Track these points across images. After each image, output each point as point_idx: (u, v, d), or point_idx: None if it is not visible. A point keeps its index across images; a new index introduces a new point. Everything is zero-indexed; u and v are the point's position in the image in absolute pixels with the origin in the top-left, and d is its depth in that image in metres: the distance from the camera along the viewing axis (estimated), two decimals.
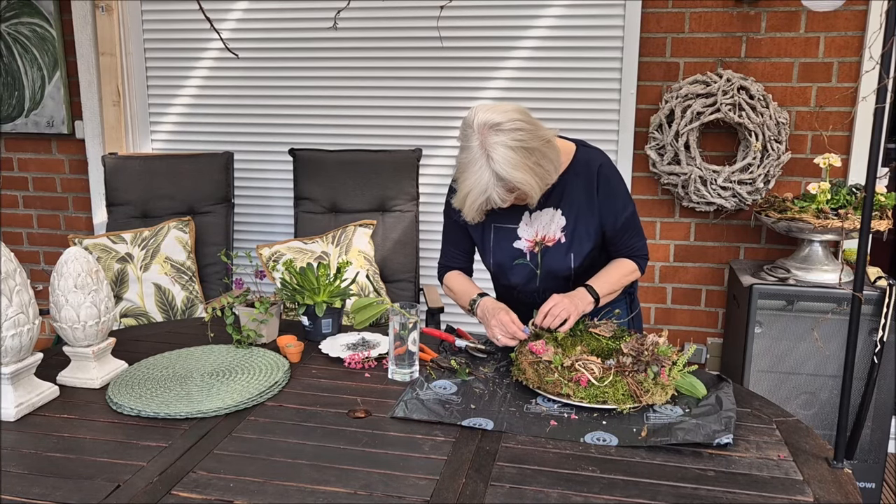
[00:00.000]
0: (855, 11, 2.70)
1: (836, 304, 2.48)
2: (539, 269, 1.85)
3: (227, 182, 2.98)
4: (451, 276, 2.00)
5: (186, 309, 2.67)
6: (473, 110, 1.63)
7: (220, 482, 1.25)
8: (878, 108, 1.23)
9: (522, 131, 1.60)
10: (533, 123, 1.64)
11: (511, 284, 1.90)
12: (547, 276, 1.85)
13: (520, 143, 1.59)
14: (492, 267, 1.92)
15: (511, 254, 1.87)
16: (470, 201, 1.64)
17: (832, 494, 1.22)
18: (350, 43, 3.10)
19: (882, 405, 2.53)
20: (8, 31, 3.32)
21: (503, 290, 1.99)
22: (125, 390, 1.59)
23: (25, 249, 3.58)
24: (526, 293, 1.90)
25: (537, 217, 1.84)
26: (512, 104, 1.66)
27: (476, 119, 1.60)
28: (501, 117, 1.60)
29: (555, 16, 2.94)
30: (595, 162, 1.82)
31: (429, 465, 1.31)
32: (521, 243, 1.86)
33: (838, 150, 2.81)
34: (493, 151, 1.58)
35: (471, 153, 1.61)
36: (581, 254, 1.82)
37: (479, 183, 1.60)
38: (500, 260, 1.88)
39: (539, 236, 1.84)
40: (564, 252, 1.82)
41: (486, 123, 1.59)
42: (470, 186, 1.62)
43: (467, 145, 1.62)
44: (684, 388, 1.57)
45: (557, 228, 1.83)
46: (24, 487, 1.24)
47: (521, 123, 1.61)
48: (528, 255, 1.86)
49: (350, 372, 1.75)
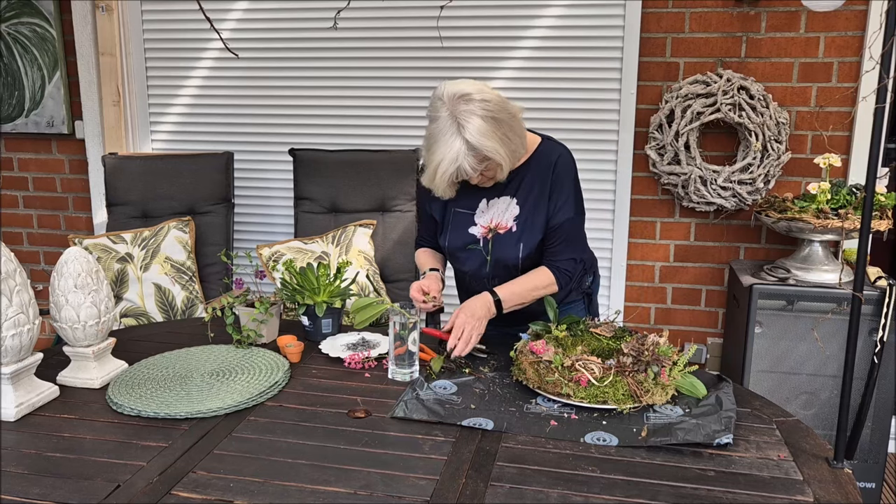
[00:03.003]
0: (855, 11, 2.70)
1: (836, 304, 2.48)
2: (489, 256, 1.87)
3: (227, 182, 2.98)
4: (420, 252, 2.08)
5: (186, 309, 2.67)
6: (441, 85, 1.66)
7: (220, 482, 1.25)
8: (878, 108, 1.23)
9: (491, 102, 1.63)
10: (499, 97, 1.67)
11: (463, 269, 1.94)
12: (496, 263, 1.87)
13: (489, 113, 1.62)
14: (446, 250, 1.95)
15: (465, 239, 1.89)
16: (440, 172, 1.65)
17: (832, 494, 1.22)
18: (350, 43, 3.10)
19: (882, 405, 2.53)
20: (8, 31, 3.32)
21: (458, 275, 2.01)
22: (125, 390, 1.59)
23: (25, 249, 3.58)
24: (476, 279, 1.92)
25: (494, 204, 1.86)
26: (478, 80, 1.70)
27: (446, 91, 1.64)
28: (470, 88, 1.63)
29: (555, 16, 2.94)
30: (555, 155, 1.83)
31: (429, 465, 1.31)
32: (475, 229, 1.88)
33: (838, 150, 2.81)
34: (463, 120, 1.60)
35: (440, 123, 1.63)
36: (529, 245, 1.83)
37: (450, 152, 1.62)
38: (455, 244, 1.91)
39: (493, 223, 1.86)
40: (515, 241, 1.84)
41: (455, 94, 1.62)
42: (441, 156, 1.63)
43: (436, 116, 1.64)
44: (684, 388, 1.57)
45: (511, 217, 1.84)
46: (24, 487, 1.24)
47: (490, 95, 1.64)
48: (481, 242, 1.88)
49: (350, 372, 1.75)
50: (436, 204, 1.92)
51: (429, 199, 1.92)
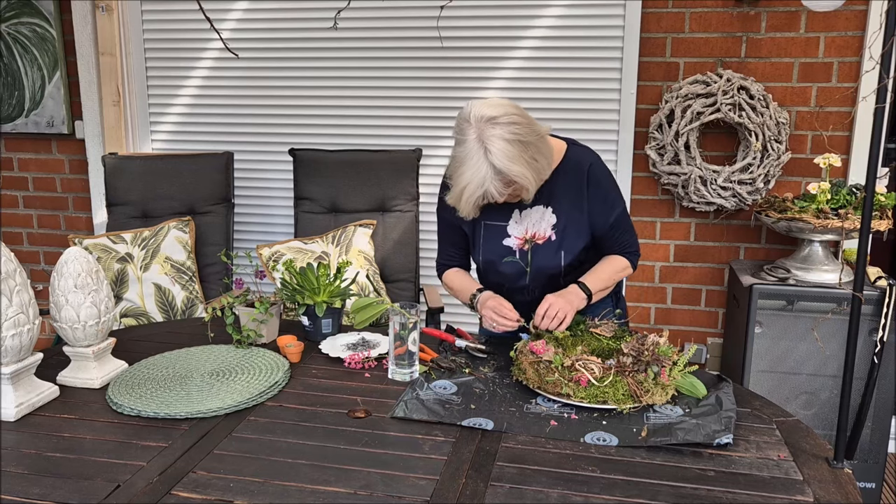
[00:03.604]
0: (855, 11, 2.70)
1: (836, 304, 2.48)
2: (529, 266, 1.86)
3: (227, 182, 2.98)
4: (451, 273, 2.01)
5: (186, 309, 2.67)
6: (468, 105, 1.64)
7: (220, 482, 1.25)
8: (878, 108, 1.23)
9: (518, 125, 1.61)
10: (527, 118, 1.65)
11: (500, 282, 1.91)
12: (537, 273, 1.86)
13: (516, 137, 1.60)
14: (480, 264, 1.93)
15: (500, 251, 1.87)
16: (466, 195, 1.64)
17: (832, 494, 1.22)
18: (350, 43, 3.10)
19: (882, 405, 2.53)
20: (8, 31, 3.32)
21: (492, 287, 1.98)
22: (125, 390, 1.59)
23: (25, 249, 3.58)
24: (514, 290, 1.90)
25: (527, 215, 1.84)
26: (506, 100, 1.67)
27: (472, 113, 1.61)
28: (498, 111, 1.61)
29: (555, 16, 2.94)
30: (585, 161, 1.83)
31: (429, 465, 1.31)
32: (510, 241, 1.86)
33: (838, 150, 2.81)
34: (490, 144, 1.58)
35: (467, 146, 1.61)
36: (572, 252, 1.83)
37: (476, 176, 1.60)
38: (489, 257, 1.88)
39: (529, 234, 1.85)
40: (555, 250, 1.83)
41: (482, 117, 1.60)
42: (467, 180, 1.62)
43: (463, 139, 1.62)
44: (685, 388, 1.57)
45: (548, 226, 1.83)
46: (24, 487, 1.24)
47: (517, 118, 1.62)
48: (518, 253, 1.86)
49: (350, 372, 1.75)
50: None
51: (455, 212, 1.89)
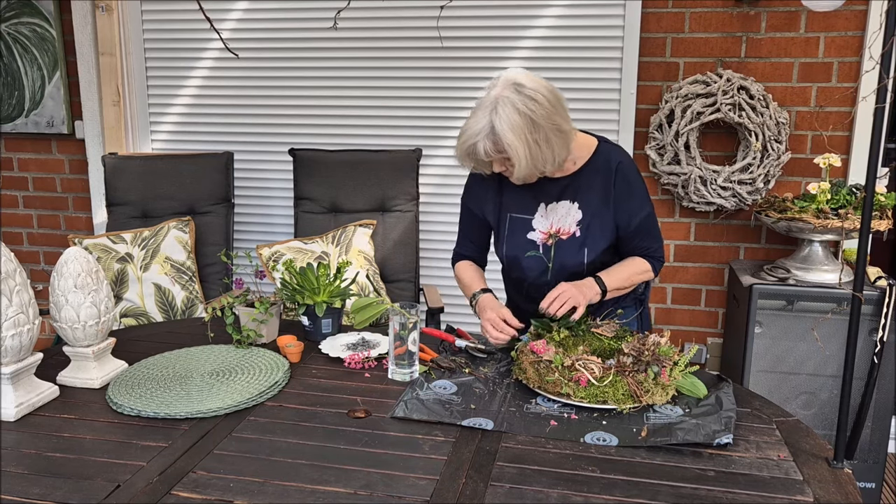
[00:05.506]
0: (855, 11, 2.70)
1: (836, 304, 2.48)
2: (551, 262, 1.84)
3: (227, 182, 2.98)
4: (462, 265, 2.01)
5: (186, 309, 2.67)
6: (510, 69, 1.68)
7: (220, 482, 1.25)
8: (878, 108, 1.23)
9: (537, 103, 1.61)
10: (554, 106, 1.64)
11: (522, 277, 1.89)
12: (559, 270, 1.83)
13: (529, 112, 1.60)
14: (504, 258, 1.91)
15: (524, 245, 1.86)
16: (461, 140, 1.67)
17: (832, 494, 1.22)
18: (350, 43, 3.10)
19: (882, 405, 2.53)
20: (8, 31, 3.32)
21: (514, 283, 1.96)
22: (125, 390, 1.59)
23: (25, 249, 3.58)
24: (536, 287, 1.86)
25: (553, 209, 1.83)
26: (546, 81, 1.67)
27: (507, 74, 1.65)
28: (527, 82, 1.62)
29: (555, 16, 2.94)
30: (615, 159, 1.81)
31: (429, 465, 1.31)
32: (534, 235, 1.85)
33: (838, 150, 2.81)
34: (501, 106, 1.60)
35: (484, 99, 1.65)
36: (595, 249, 1.81)
37: (475, 126, 1.63)
38: (513, 251, 1.87)
39: (554, 229, 1.83)
40: (578, 246, 1.81)
41: (511, 81, 1.63)
42: (468, 127, 1.65)
43: (487, 92, 1.65)
44: (685, 388, 1.57)
45: (573, 222, 1.82)
46: (24, 487, 1.24)
47: (542, 98, 1.62)
48: (541, 248, 1.84)
49: (350, 372, 1.75)
50: (489, 207, 1.90)
51: (481, 203, 1.90)
